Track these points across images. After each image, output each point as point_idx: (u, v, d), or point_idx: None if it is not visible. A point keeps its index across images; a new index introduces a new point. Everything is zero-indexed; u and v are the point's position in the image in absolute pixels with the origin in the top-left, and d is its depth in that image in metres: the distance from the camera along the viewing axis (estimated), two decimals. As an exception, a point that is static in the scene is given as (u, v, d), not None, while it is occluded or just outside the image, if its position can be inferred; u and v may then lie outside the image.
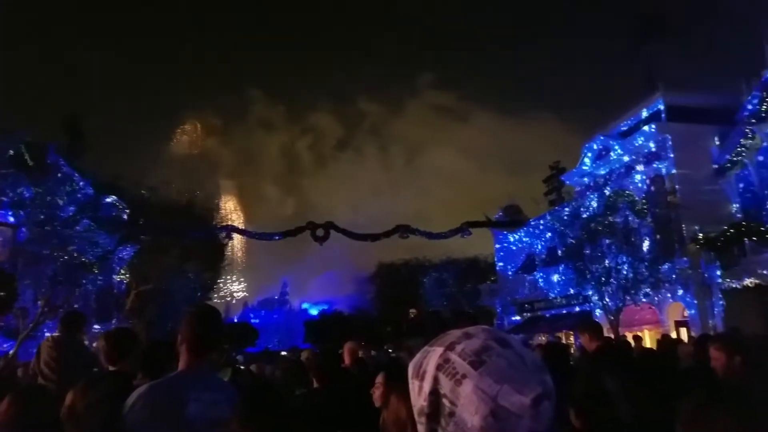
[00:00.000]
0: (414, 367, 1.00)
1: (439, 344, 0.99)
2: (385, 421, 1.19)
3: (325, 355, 5.09)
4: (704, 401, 1.62)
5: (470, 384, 0.89)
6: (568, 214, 22.61)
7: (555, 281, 25.68)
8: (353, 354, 5.98)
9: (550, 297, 27.17)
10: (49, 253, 12.60)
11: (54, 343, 6.11)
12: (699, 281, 19.79)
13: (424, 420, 0.95)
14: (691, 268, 19.90)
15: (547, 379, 0.92)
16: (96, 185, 16.20)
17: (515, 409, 0.87)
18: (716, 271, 19.16)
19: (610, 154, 24.78)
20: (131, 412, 2.29)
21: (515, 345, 0.96)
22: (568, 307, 25.90)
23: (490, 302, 33.08)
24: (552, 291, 26.47)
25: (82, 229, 13.98)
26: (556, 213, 25.33)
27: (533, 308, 29.12)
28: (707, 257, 19.56)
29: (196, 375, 2.46)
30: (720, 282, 19.15)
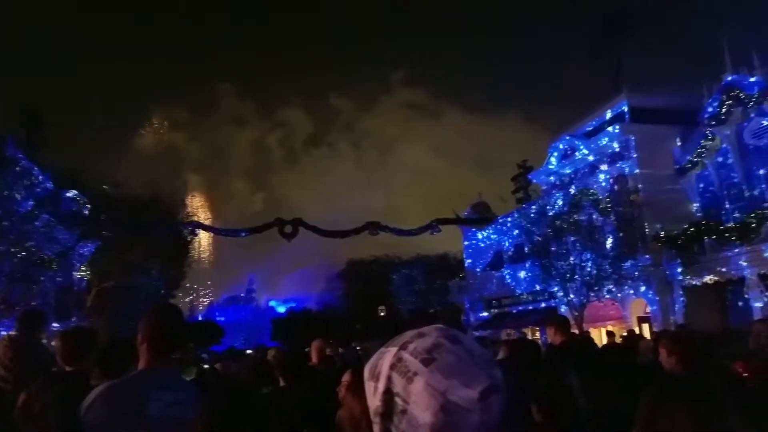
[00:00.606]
0: (369, 369, 1.02)
1: (393, 345, 1.00)
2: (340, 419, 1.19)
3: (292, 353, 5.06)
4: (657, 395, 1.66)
5: (421, 381, 0.91)
6: (534, 212, 23.00)
7: (522, 278, 26.07)
8: (321, 352, 5.95)
9: (516, 293, 27.56)
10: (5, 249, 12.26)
11: (11, 343, 5.91)
12: (660, 278, 20.32)
13: (379, 419, 0.96)
14: (652, 266, 20.40)
15: (495, 372, 0.94)
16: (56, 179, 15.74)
17: (464, 403, 0.88)
18: (677, 269, 19.69)
19: (575, 154, 25.26)
20: (88, 413, 2.23)
21: (465, 341, 0.98)
22: (534, 303, 26.32)
23: (459, 299, 33.39)
24: (519, 287, 26.86)
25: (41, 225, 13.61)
26: (523, 211, 25.74)
27: (500, 304, 29.50)
28: (668, 255, 20.10)
29: (156, 374, 2.41)
30: (681, 279, 19.70)
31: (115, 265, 21.72)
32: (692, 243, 19.32)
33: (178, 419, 2.33)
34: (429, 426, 0.89)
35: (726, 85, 19.61)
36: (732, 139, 19.84)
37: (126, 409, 2.24)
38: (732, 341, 6.65)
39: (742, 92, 19.09)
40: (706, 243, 18.89)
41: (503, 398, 0.93)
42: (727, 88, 19.57)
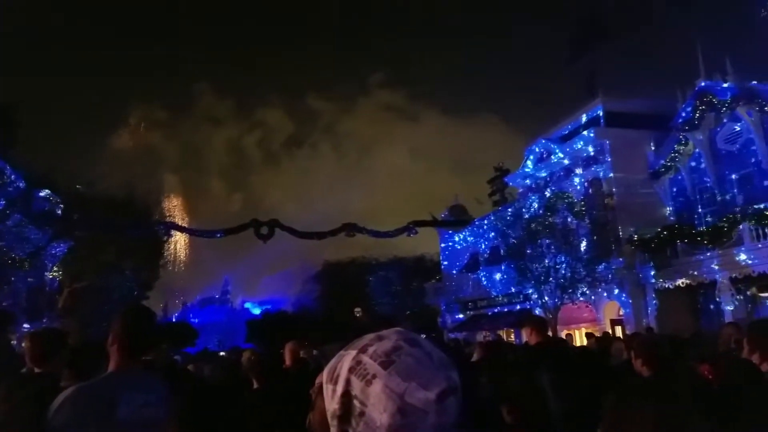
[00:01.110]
0: (329, 372, 1.03)
1: (353, 348, 1.01)
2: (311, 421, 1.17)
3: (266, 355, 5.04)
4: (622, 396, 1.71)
5: (380, 383, 0.92)
6: (510, 214, 23.19)
7: (497, 280, 26.26)
8: (294, 354, 5.94)
9: (492, 295, 27.71)
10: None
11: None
12: (634, 281, 20.63)
13: (336, 423, 0.97)
14: (626, 268, 20.70)
15: (452, 375, 0.95)
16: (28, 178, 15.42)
17: (421, 405, 0.89)
18: (650, 272, 19.99)
19: (551, 157, 25.52)
20: (57, 415, 2.21)
21: (424, 344, 0.99)
22: (510, 305, 26.50)
23: (436, 301, 33.48)
24: (494, 289, 27.03)
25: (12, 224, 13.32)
26: (499, 213, 25.96)
27: (476, 306, 29.64)
28: (642, 258, 20.43)
29: (127, 376, 2.40)
30: (653, 282, 20.00)
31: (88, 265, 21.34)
32: (665, 246, 19.65)
33: (149, 421, 2.34)
34: (386, 428, 0.90)
35: (699, 90, 19.99)
36: (705, 143, 20.27)
37: (96, 411, 2.23)
38: (702, 344, 6.81)
39: (715, 98, 19.46)
40: (679, 246, 19.20)
41: (459, 401, 0.94)
42: (700, 94, 19.95)
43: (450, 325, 30.30)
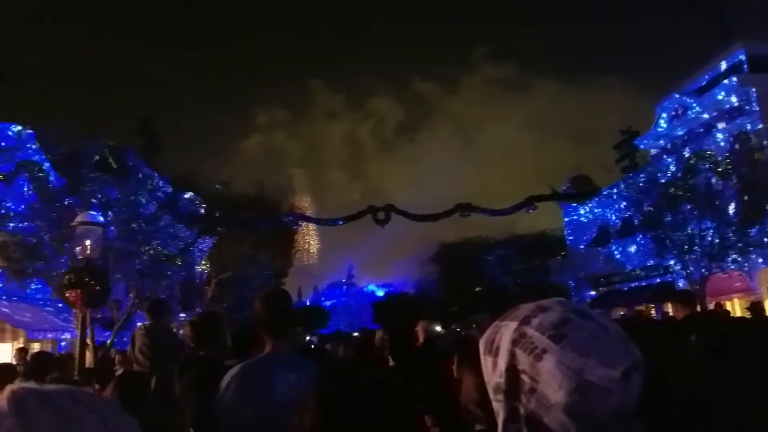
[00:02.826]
0: (486, 343, 0.97)
1: (511, 318, 0.95)
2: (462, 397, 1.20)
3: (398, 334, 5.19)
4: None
5: (552, 359, 0.86)
6: (643, 180, 21.55)
7: (632, 253, 24.74)
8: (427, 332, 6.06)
9: (626, 269, 26.20)
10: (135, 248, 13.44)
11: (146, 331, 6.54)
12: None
13: (502, 397, 0.92)
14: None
15: (634, 350, 0.88)
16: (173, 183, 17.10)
17: (603, 383, 0.83)
18: (811, 232, 17.83)
19: (687, 113, 23.41)
20: (225, 392, 2.40)
21: (596, 316, 0.92)
22: (647, 279, 24.89)
23: (561, 278, 32.29)
24: (629, 263, 25.50)
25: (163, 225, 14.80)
26: (630, 180, 24.25)
27: (609, 282, 28.20)
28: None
29: (281, 357, 2.55)
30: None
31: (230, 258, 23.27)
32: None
33: (300, 401, 2.50)
34: (562, 406, 0.84)
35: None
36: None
37: (257, 390, 2.39)
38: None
39: None
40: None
41: (643, 378, 0.87)
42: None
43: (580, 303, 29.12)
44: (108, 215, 12.47)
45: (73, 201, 12.93)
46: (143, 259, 13.63)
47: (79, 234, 8.31)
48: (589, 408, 0.83)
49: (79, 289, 7.80)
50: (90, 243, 8.18)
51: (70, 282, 7.91)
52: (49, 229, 12.51)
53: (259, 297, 2.72)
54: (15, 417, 0.69)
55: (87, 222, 8.39)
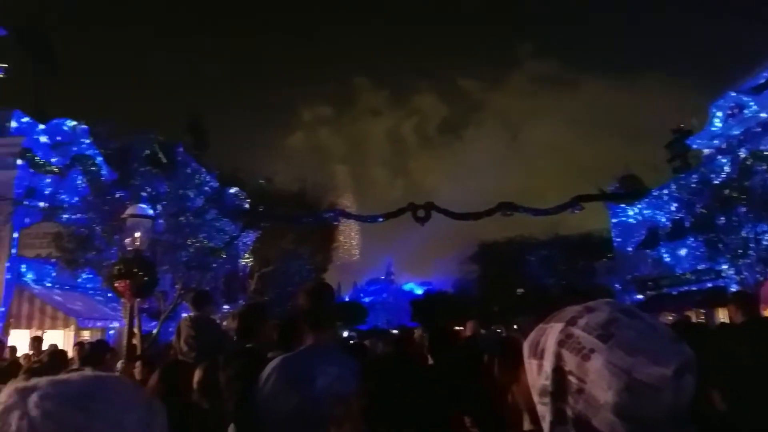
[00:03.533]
0: (530, 346, 0.96)
1: (556, 320, 0.94)
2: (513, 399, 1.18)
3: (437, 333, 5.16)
4: None
5: (600, 358, 0.84)
6: (696, 181, 20.81)
7: (682, 256, 23.92)
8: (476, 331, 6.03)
9: (676, 273, 25.37)
10: (182, 241, 13.80)
11: (191, 322, 6.69)
12: None
13: (548, 399, 0.91)
14: None
15: (686, 349, 0.86)
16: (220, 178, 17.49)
17: (654, 382, 0.81)
18: None
19: (743, 112, 22.48)
20: (266, 383, 2.44)
21: (644, 316, 0.91)
22: (698, 283, 24.04)
23: (607, 281, 31.49)
24: (678, 267, 24.68)
25: (210, 219, 15.15)
26: (681, 181, 23.44)
27: (657, 286, 27.37)
28: None
29: (322, 350, 2.57)
30: None
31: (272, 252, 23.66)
32: None
33: (341, 394, 2.45)
34: (612, 406, 0.83)
35: None
36: None
37: (298, 382, 2.42)
38: None
39: None
40: None
41: (696, 378, 0.84)
42: None
43: (628, 305, 28.34)
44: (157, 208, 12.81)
45: (123, 194, 13.35)
46: (190, 252, 13.96)
47: (129, 226, 8.58)
48: (640, 408, 0.81)
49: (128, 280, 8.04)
50: (139, 235, 8.44)
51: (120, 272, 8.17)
52: (101, 221, 12.94)
53: (303, 290, 2.76)
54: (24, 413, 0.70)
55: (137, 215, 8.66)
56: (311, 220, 26.22)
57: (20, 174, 15.58)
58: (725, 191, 18.41)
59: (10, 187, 15.17)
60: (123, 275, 8.09)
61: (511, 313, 31.51)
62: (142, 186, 13.40)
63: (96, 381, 0.78)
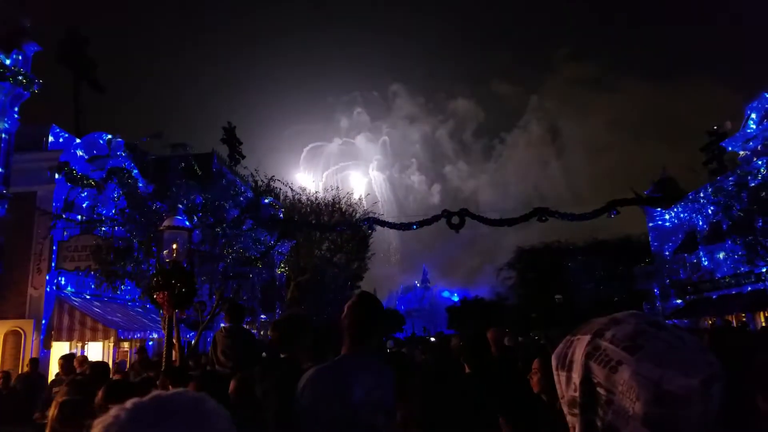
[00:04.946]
0: (558, 358, 0.98)
1: (583, 332, 0.95)
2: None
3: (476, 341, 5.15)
4: None
5: (628, 370, 0.85)
6: (732, 183, 20.33)
7: (721, 259, 23.29)
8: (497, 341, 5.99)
9: (715, 277, 24.69)
10: (219, 251, 13.96)
11: (227, 333, 6.83)
12: None
13: (578, 411, 0.92)
14: None
15: (713, 359, 0.86)
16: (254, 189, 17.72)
17: (682, 393, 0.81)
18: None
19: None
20: (302, 395, 2.45)
21: (671, 328, 0.91)
22: (738, 287, 23.37)
23: (646, 285, 30.79)
24: (718, 270, 24.03)
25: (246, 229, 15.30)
26: (718, 184, 22.90)
27: (696, 290, 26.67)
28: None
29: (359, 359, 2.56)
30: None
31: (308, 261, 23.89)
32: None
33: (379, 403, 2.47)
34: (641, 417, 0.83)
35: None
36: None
37: (333, 393, 2.42)
38: None
39: None
40: None
41: (724, 388, 0.85)
42: None
43: (666, 312, 27.68)
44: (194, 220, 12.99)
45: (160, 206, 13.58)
46: (227, 262, 14.11)
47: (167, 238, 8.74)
48: (669, 419, 0.82)
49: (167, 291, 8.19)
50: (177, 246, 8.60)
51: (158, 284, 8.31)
52: (139, 233, 13.16)
53: (350, 301, 2.73)
54: None
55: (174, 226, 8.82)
56: (346, 229, 26.34)
57: (58, 188, 15.89)
58: (762, 193, 17.93)
59: (49, 200, 15.48)
60: (161, 286, 8.24)
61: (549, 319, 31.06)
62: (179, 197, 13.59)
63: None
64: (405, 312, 62.63)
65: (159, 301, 8.51)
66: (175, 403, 0.79)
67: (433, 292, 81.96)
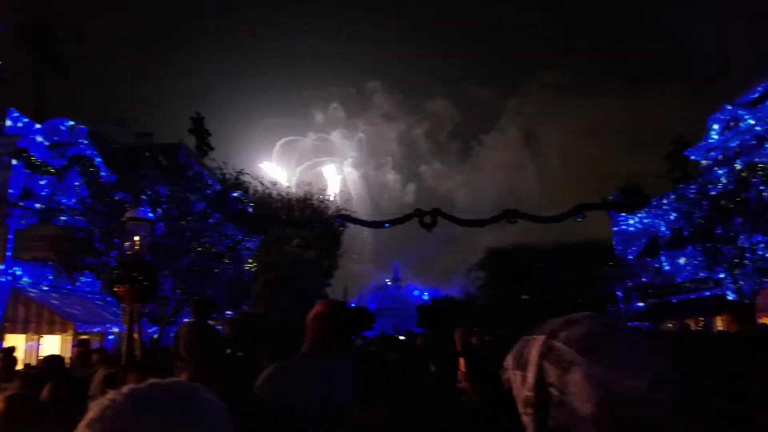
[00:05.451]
0: (514, 358, 0.98)
1: (539, 332, 0.96)
2: None
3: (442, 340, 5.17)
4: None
5: (580, 371, 0.86)
6: (694, 191, 20.94)
7: (682, 264, 23.95)
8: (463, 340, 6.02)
9: (676, 282, 25.38)
10: (184, 245, 13.71)
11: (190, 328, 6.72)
12: None
13: (531, 410, 0.92)
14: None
15: (664, 362, 0.88)
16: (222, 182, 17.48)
17: (631, 394, 0.83)
18: None
19: (739, 125, 22.61)
20: (259, 393, 2.41)
21: (624, 329, 0.92)
22: (697, 292, 24.08)
23: (610, 288, 31.46)
24: (679, 275, 24.70)
25: (213, 222, 15.05)
26: (680, 191, 23.56)
27: (658, 294, 27.37)
28: None
29: (319, 357, 2.53)
30: None
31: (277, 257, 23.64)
32: None
33: (338, 402, 2.44)
34: (591, 418, 0.84)
35: None
36: None
37: (290, 390, 2.38)
38: None
39: None
40: None
41: (675, 391, 0.85)
42: None
43: (628, 315, 28.33)
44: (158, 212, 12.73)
45: (123, 196, 13.26)
46: (192, 256, 13.87)
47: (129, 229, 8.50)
48: (619, 420, 0.83)
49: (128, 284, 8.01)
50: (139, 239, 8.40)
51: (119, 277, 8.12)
52: (100, 223, 12.84)
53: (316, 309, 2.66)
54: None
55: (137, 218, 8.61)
56: (316, 225, 26.19)
57: (15, 174, 15.39)
58: (722, 202, 18.53)
59: (5, 187, 14.99)
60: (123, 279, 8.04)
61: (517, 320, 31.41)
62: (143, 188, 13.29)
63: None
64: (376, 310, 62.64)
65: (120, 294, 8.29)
66: (172, 391, 0.80)
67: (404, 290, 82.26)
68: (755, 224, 17.84)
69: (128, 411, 0.75)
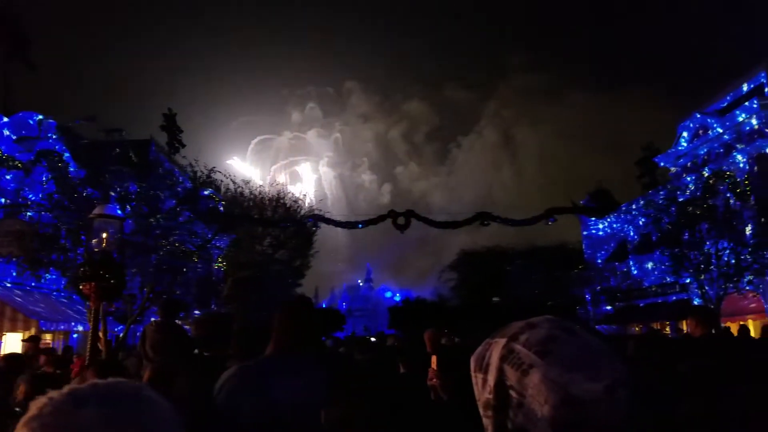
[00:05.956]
0: (476, 360, 0.99)
1: (500, 336, 0.97)
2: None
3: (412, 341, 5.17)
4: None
5: (538, 374, 0.88)
6: (663, 197, 21.40)
7: (649, 269, 24.45)
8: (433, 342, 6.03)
9: (644, 286, 25.90)
10: (153, 243, 13.46)
11: (157, 327, 6.60)
12: (808, 267, 18.14)
13: (491, 413, 0.93)
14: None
15: (620, 366, 0.89)
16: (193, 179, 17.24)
17: (588, 397, 0.84)
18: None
19: (708, 133, 23.18)
20: (220, 393, 2.37)
21: (582, 333, 0.94)
22: (664, 296, 24.61)
23: (579, 291, 31.96)
24: (646, 279, 25.21)
25: (182, 220, 14.82)
26: (649, 197, 24.06)
27: (626, 297, 27.89)
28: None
29: (283, 359, 2.49)
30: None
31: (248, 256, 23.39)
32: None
33: (304, 403, 2.38)
34: (549, 420, 0.85)
35: None
36: None
37: (251, 392, 2.34)
38: None
39: None
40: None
41: (630, 393, 0.87)
42: None
43: (597, 317, 28.80)
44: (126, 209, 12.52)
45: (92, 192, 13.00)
46: (160, 254, 13.64)
47: (97, 226, 8.34)
48: (576, 421, 0.84)
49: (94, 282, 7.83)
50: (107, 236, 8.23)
51: (85, 274, 7.94)
52: (67, 220, 12.56)
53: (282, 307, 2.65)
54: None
55: (105, 215, 8.43)
56: (288, 225, 26.00)
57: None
58: (689, 208, 18.97)
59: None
60: (89, 277, 7.86)
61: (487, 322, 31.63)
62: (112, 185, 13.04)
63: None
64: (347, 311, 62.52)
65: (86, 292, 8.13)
66: (115, 390, 0.79)
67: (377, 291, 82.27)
68: (721, 231, 18.33)
69: (67, 409, 0.73)
